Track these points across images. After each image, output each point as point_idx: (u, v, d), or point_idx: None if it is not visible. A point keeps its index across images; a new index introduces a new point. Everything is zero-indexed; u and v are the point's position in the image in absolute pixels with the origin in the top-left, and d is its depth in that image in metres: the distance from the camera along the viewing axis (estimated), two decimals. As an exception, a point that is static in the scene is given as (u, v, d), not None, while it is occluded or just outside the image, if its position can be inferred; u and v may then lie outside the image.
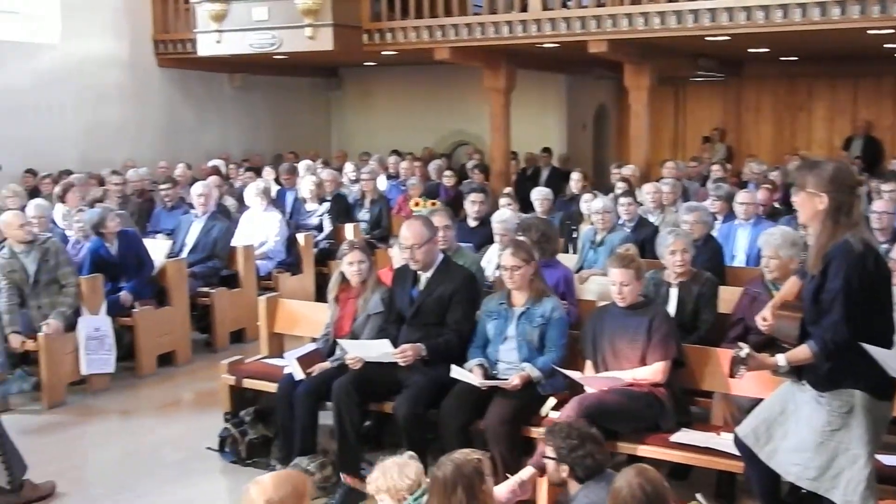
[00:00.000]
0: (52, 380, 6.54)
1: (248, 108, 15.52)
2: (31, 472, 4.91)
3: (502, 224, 6.77)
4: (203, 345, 8.12)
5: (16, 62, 11.80)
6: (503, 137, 12.91)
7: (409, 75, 16.08)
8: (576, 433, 3.74)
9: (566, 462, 3.77)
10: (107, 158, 12.48)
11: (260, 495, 2.78)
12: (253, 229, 8.96)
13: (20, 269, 6.60)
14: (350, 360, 5.12)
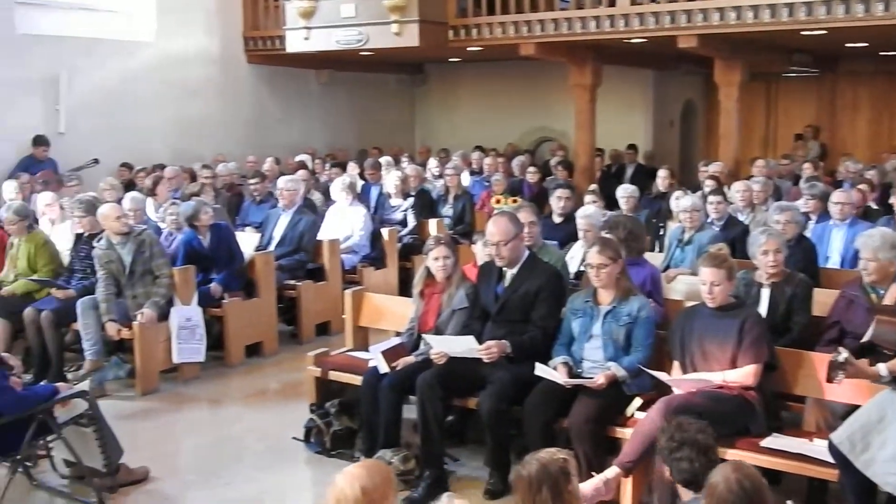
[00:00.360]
0: (145, 367, 6.75)
1: (334, 104, 15.71)
2: (125, 456, 5.06)
3: (587, 220, 6.70)
4: (289, 336, 8.26)
5: (114, 59, 12.20)
6: (588, 134, 12.78)
7: (493, 71, 16.04)
8: (679, 435, 3.62)
9: (666, 462, 3.69)
10: (197, 153, 12.82)
11: (354, 482, 2.78)
12: (338, 223, 9.07)
13: (117, 260, 6.81)
14: (435, 354, 5.13)
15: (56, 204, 8.65)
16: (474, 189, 11.79)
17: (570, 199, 8.02)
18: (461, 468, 5.31)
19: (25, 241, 7.33)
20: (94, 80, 11.94)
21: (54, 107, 11.52)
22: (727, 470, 3.08)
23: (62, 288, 7.09)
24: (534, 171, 12.05)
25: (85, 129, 11.73)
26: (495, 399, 4.87)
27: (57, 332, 6.86)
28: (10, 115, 10.99)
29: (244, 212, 9.89)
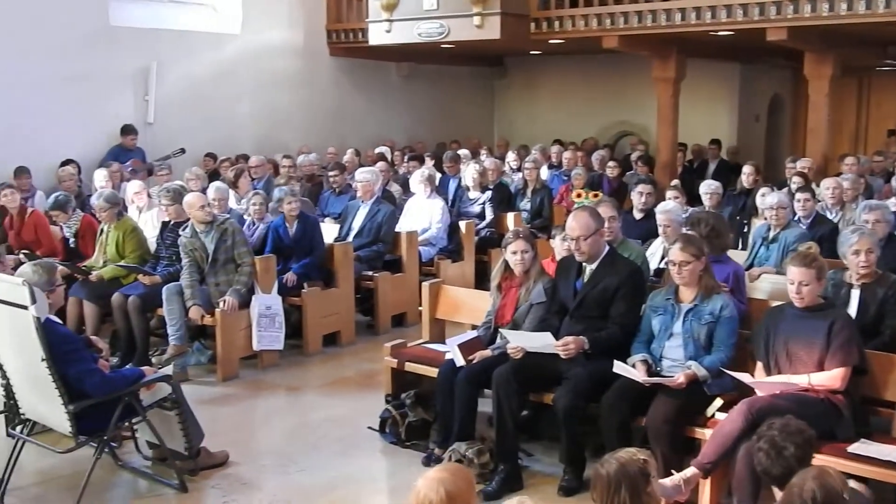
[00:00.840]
0: (226, 354, 6.88)
1: (413, 97, 15.77)
2: (206, 440, 5.17)
3: (667, 215, 6.57)
4: (366, 327, 8.34)
5: (201, 51, 12.47)
6: (670, 128, 12.57)
7: (574, 64, 15.89)
8: (766, 437, 3.51)
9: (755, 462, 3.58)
10: (280, 143, 13.04)
11: (438, 486, 2.75)
12: (417, 216, 9.11)
13: (200, 248, 6.96)
14: (512, 349, 5.10)
15: (144, 192, 8.89)
16: (553, 183, 11.71)
17: (651, 195, 7.91)
18: (535, 463, 5.28)
19: (114, 228, 7.55)
20: (182, 71, 12.23)
21: (143, 97, 11.83)
22: (808, 475, 2.97)
23: (149, 274, 7.28)
24: (614, 166, 11.89)
25: (172, 120, 12.02)
26: (571, 395, 4.82)
27: (143, 316, 7.05)
28: (103, 105, 11.33)
29: (323, 202, 10.01)
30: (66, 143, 10.80)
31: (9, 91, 10.26)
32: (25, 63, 10.40)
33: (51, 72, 10.65)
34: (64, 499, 4.63)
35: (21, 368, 4.50)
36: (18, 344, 4.40)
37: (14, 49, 10.30)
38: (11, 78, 10.28)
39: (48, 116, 10.67)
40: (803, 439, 3.51)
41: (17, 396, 4.67)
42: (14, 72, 10.30)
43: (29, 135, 10.43)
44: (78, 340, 4.72)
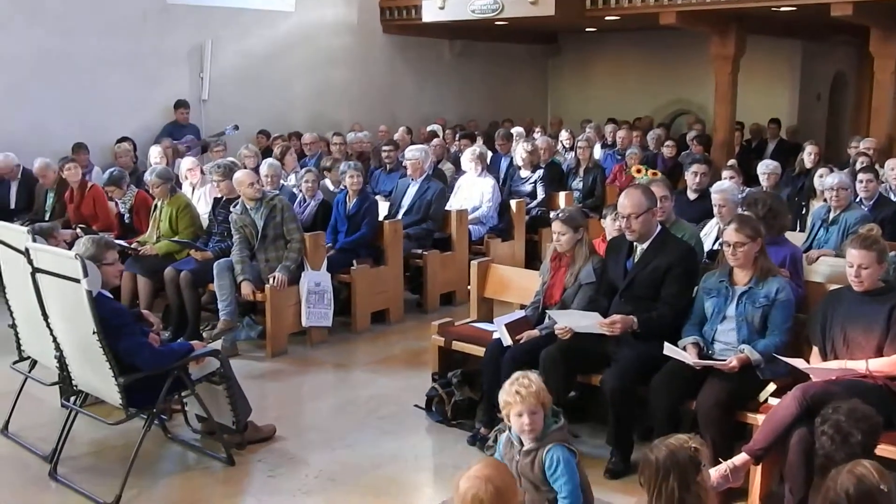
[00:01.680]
0: (275, 330, 6.93)
1: (466, 75, 15.67)
2: (254, 415, 5.21)
3: (722, 194, 6.40)
4: (414, 305, 8.33)
5: (256, 29, 12.53)
6: (728, 107, 12.31)
7: (629, 41, 15.65)
8: (832, 421, 3.41)
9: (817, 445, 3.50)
10: (332, 121, 13.07)
11: (486, 484, 2.68)
12: (467, 194, 9.05)
13: (250, 224, 7.01)
14: (559, 329, 5.04)
15: (197, 168, 8.99)
16: (606, 162, 11.55)
17: (706, 175, 7.70)
18: (582, 445, 5.16)
19: (168, 204, 7.63)
20: (236, 49, 12.31)
21: (199, 75, 11.95)
22: (845, 470, 2.87)
23: (200, 250, 7.35)
24: (671, 145, 11.68)
25: (226, 97, 12.13)
26: (620, 377, 4.75)
27: (194, 291, 7.12)
28: (159, 82, 11.49)
29: (374, 180, 10.00)
30: (123, 119, 10.97)
31: (68, 69, 10.45)
32: (84, 41, 10.58)
33: (109, 50, 10.82)
34: (114, 469, 4.69)
35: (74, 341, 4.57)
36: (71, 317, 4.47)
37: (73, 27, 10.47)
38: (71, 56, 10.46)
39: (106, 94, 10.85)
40: (870, 426, 3.40)
41: (71, 368, 4.75)
42: (73, 50, 10.48)
43: (87, 112, 10.62)
44: (128, 314, 4.78)
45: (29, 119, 10.12)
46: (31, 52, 10.16)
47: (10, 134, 9.83)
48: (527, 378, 3.68)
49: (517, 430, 3.67)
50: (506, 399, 3.66)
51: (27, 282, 4.65)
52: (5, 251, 5.06)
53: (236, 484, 4.80)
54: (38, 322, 4.75)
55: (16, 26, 10.02)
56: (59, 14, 10.37)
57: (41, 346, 4.96)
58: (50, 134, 10.14)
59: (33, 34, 10.17)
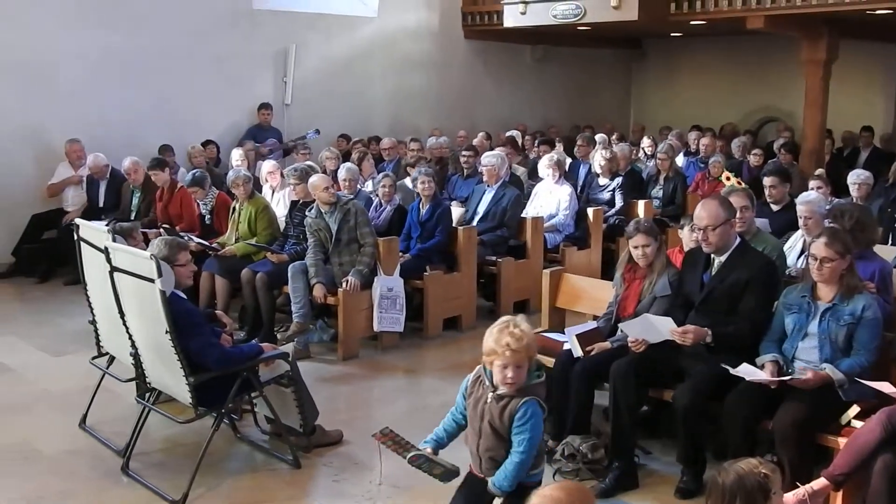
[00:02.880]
0: (347, 334, 6.96)
1: (547, 80, 15.56)
2: (322, 418, 5.23)
3: (808, 206, 6.17)
4: (487, 312, 8.25)
5: (339, 34, 12.68)
6: (819, 114, 11.91)
7: (715, 46, 15.32)
8: None
9: None
10: (412, 125, 13.12)
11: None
12: (544, 201, 8.95)
13: (324, 228, 7.06)
14: (633, 342, 4.90)
15: (277, 172, 9.11)
16: (688, 170, 11.30)
17: (777, 188, 7.31)
18: (653, 462, 5.08)
19: (247, 206, 7.75)
20: (319, 53, 12.47)
21: (282, 79, 12.13)
22: None
23: (276, 252, 7.44)
24: (758, 154, 11.35)
25: (309, 101, 12.29)
26: (693, 393, 4.60)
27: (270, 293, 7.21)
28: (244, 85, 11.71)
29: (451, 186, 9.98)
30: (208, 122, 11.22)
31: (155, 72, 10.72)
32: (173, 44, 10.85)
33: (197, 52, 11.08)
34: (184, 466, 4.76)
35: (148, 339, 4.66)
36: (146, 316, 4.55)
37: (161, 31, 10.75)
38: (158, 59, 10.74)
39: (191, 97, 11.10)
40: None
41: (145, 366, 4.84)
42: (161, 53, 10.75)
43: (174, 113, 10.89)
44: (200, 315, 4.85)
45: (119, 120, 10.42)
46: (122, 54, 10.46)
47: (101, 134, 10.13)
48: (518, 328, 3.49)
49: (498, 380, 3.53)
50: (492, 347, 3.49)
51: (106, 280, 4.76)
52: (88, 250, 5.21)
53: (301, 486, 4.81)
54: (115, 320, 4.87)
55: (108, 29, 10.32)
56: (149, 17, 10.66)
57: (118, 343, 5.08)
58: (139, 135, 10.42)
59: (125, 36, 10.46)
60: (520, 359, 3.46)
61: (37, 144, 9.89)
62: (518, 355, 3.45)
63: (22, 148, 9.83)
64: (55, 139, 9.85)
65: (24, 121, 9.79)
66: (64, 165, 9.93)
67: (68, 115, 9.99)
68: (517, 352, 3.44)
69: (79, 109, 10.10)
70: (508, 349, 3.44)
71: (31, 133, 9.85)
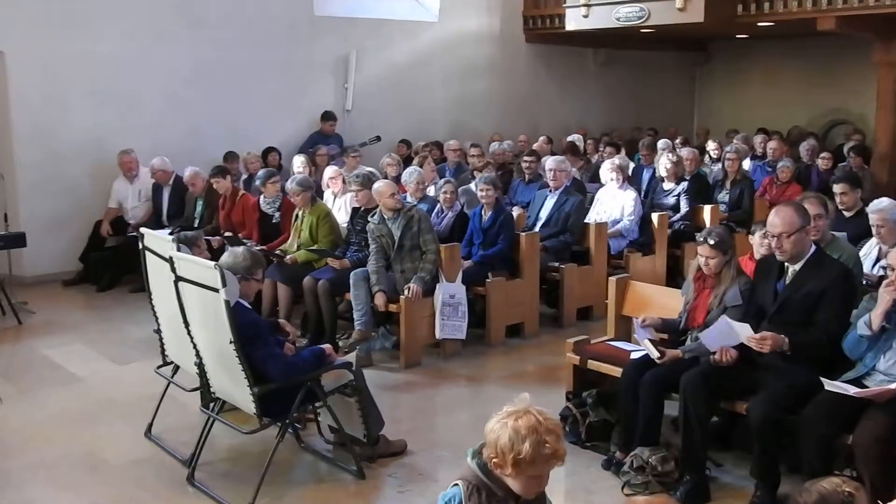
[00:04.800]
0: (409, 341, 6.92)
1: (610, 84, 15.38)
2: (386, 426, 5.19)
3: (880, 214, 5.95)
4: (550, 319, 8.15)
5: (399, 39, 12.69)
6: (891, 117, 11.54)
7: (783, 48, 14.99)
8: None
9: None
10: (473, 130, 13.07)
11: None
12: (608, 206, 8.82)
13: (387, 235, 7.03)
14: (717, 358, 4.73)
15: (339, 177, 9.12)
16: (755, 174, 11.03)
17: (848, 195, 7.05)
18: (724, 475, 4.93)
19: (309, 213, 7.78)
20: (380, 59, 12.50)
21: (343, 85, 12.18)
22: None
23: (338, 258, 7.44)
24: (827, 158, 11.04)
25: (370, 107, 12.32)
26: (769, 406, 4.44)
27: (332, 300, 7.20)
28: (305, 92, 11.79)
29: (513, 191, 9.90)
30: (270, 129, 11.32)
31: (221, 78, 10.86)
32: (237, 52, 10.97)
33: (259, 60, 11.18)
34: (248, 476, 4.76)
35: (212, 349, 4.67)
36: (210, 325, 4.56)
37: (225, 39, 10.88)
38: (223, 66, 10.87)
39: (255, 103, 11.22)
40: None
41: (209, 376, 4.86)
42: (224, 61, 10.88)
43: (237, 120, 11.01)
44: (264, 325, 4.85)
45: (184, 127, 10.57)
46: (188, 62, 10.61)
47: (167, 141, 10.29)
48: (548, 420, 2.70)
49: (527, 490, 2.73)
50: (532, 456, 2.61)
51: (171, 289, 4.79)
52: (153, 259, 5.25)
53: (365, 498, 4.78)
54: (180, 329, 4.90)
55: (175, 36, 10.48)
56: (215, 24, 10.79)
57: (183, 353, 5.11)
58: (203, 142, 10.58)
59: (191, 44, 10.61)
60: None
61: (100, 152, 10.01)
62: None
63: (85, 156, 10.00)
64: (118, 147, 9.96)
65: (88, 129, 9.96)
66: (119, 181, 10.02)
67: (130, 124, 10.16)
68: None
69: (141, 119, 10.27)
70: (557, 459, 2.67)
71: (95, 141, 10.00)
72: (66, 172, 9.88)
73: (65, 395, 6.35)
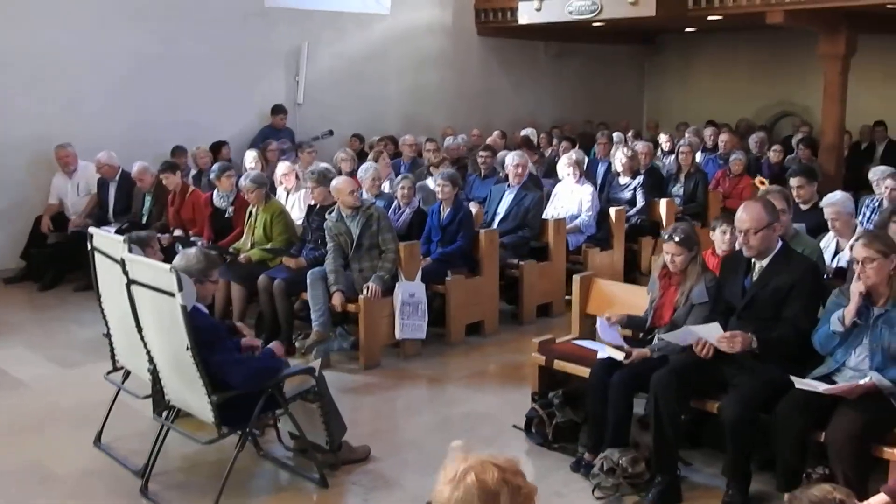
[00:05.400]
0: (369, 342, 6.75)
1: (561, 77, 15.34)
2: (347, 430, 5.02)
3: (833, 207, 5.99)
4: (509, 316, 8.05)
5: (352, 32, 12.46)
6: (837, 109, 11.64)
7: (731, 41, 15.10)
8: None
9: None
10: (426, 124, 12.91)
11: None
12: (565, 201, 8.75)
13: (345, 233, 6.86)
14: (698, 349, 4.64)
15: (293, 173, 8.91)
16: (707, 167, 11.08)
17: (804, 188, 7.05)
18: (695, 474, 4.87)
19: (263, 211, 7.56)
20: (332, 52, 12.26)
21: (294, 78, 11.92)
22: None
23: (294, 257, 7.23)
24: (778, 150, 11.14)
25: (321, 100, 12.08)
26: (741, 405, 4.38)
27: (287, 300, 7.01)
28: (256, 85, 11.51)
29: (469, 186, 9.76)
30: (219, 123, 11.03)
31: (166, 71, 10.53)
32: (184, 43, 10.65)
33: (208, 52, 10.87)
34: (206, 487, 4.57)
35: (167, 355, 4.46)
36: (165, 330, 4.35)
37: (172, 30, 10.56)
38: (170, 58, 10.55)
39: (204, 96, 10.90)
40: None
41: (164, 382, 4.64)
42: (172, 53, 10.56)
43: (185, 114, 10.69)
44: (223, 329, 4.65)
45: (130, 120, 10.20)
46: (132, 54, 10.25)
47: (112, 135, 9.91)
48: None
49: None
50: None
51: (122, 292, 4.57)
52: (103, 260, 5.01)
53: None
54: (132, 333, 4.67)
55: (118, 28, 10.12)
56: (160, 15, 10.44)
57: (135, 358, 4.88)
58: (150, 136, 10.22)
59: (135, 35, 10.25)
60: None
61: (40, 146, 9.58)
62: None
63: (25, 150, 9.60)
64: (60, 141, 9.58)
65: (28, 123, 9.55)
66: (58, 176, 9.65)
67: (73, 118, 9.78)
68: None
69: (84, 112, 9.90)
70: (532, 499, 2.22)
71: (35, 135, 9.57)
72: (5, 167, 9.48)
73: (8, 401, 6.06)
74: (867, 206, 7.42)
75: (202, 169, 9.87)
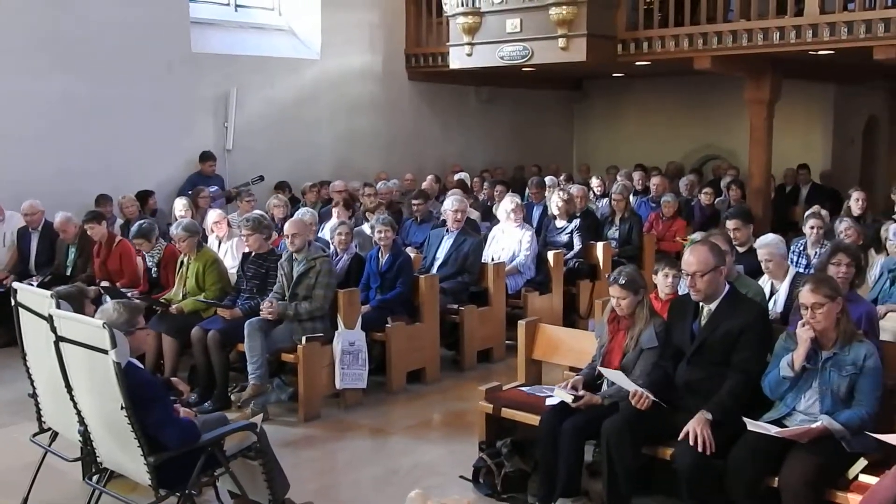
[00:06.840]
0: (308, 393, 6.55)
1: (492, 121, 15.43)
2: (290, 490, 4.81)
3: (766, 249, 6.04)
4: (450, 362, 7.93)
5: (281, 77, 12.31)
6: (764, 152, 11.91)
7: (658, 86, 15.39)
8: None
9: None
10: (358, 169, 12.79)
11: None
12: (504, 244, 8.71)
13: (288, 274, 6.77)
14: (635, 398, 4.60)
15: (224, 221, 8.69)
16: (640, 210, 11.19)
17: (740, 230, 7.15)
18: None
19: (195, 260, 7.31)
20: (261, 97, 12.08)
21: (223, 124, 11.70)
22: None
23: (228, 307, 7.00)
24: (710, 193, 11.33)
25: (251, 146, 11.87)
26: (696, 453, 4.32)
27: (223, 352, 6.77)
28: (183, 132, 11.24)
29: (405, 231, 9.67)
30: (146, 170, 10.73)
31: (91, 118, 10.23)
32: (107, 90, 10.36)
33: (134, 98, 10.60)
34: (141, 554, 4.31)
35: (99, 415, 4.21)
36: (97, 390, 4.11)
37: (96, 76, 10.27)
38: (94, 105, 10.25)
39: (130, 143, 10.61)
40: None
41: (95, 444, 4.38)
42: (97, 99, 10.26)
43: (111, 160, 10.39)
44: (158, 386, 4.42)
45: (54, 167, 9.82)
46: (57, 98, 9.93)
47: (35, 181, 9.54)
48: None
49: None
50: None
51: (50, 350, 4.31)
52: (28, 316, 4.74)
53: (274, 570, 4.40)
54: (60, 393, 4.40)
55: (42, 71, 9.80)
56: (85, 61, 10.14)
57: (64, 419, 4.60)
58: (74, 183, 9.84)
59: (60, 80, 9.94)
60: None
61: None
62: None
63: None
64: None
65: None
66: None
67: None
68: None
69: (7, 160, 9.52)
70: None
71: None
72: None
73: (-77, 467, 5.68)
74: (793, 249, 7.53)
75: (129, 218, 9.54)
